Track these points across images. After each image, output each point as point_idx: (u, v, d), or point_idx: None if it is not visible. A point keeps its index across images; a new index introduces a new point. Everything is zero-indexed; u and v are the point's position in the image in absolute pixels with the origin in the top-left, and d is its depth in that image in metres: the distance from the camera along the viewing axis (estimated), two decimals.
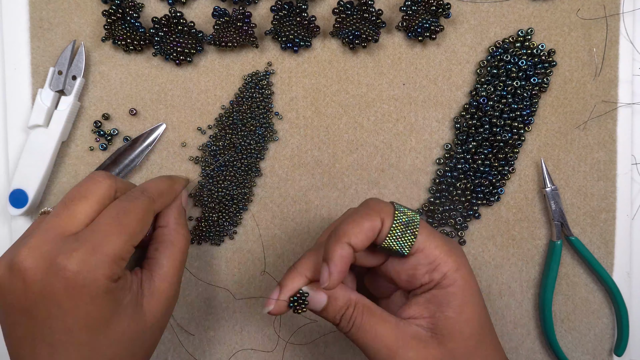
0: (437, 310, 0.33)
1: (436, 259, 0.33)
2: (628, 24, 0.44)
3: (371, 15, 0.42)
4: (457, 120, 0.44)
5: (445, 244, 0.34)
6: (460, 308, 0.33)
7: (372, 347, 0.32)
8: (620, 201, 0.45)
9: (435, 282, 0.33)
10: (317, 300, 0.34)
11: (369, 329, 0.33)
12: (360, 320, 0.33)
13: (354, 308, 0.33)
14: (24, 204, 0.43)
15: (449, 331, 0.32)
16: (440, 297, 0.33)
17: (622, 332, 0.44)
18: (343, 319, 0.33)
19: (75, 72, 0.43)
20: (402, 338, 0.32)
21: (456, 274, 0.33)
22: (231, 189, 0.45)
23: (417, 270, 0.33)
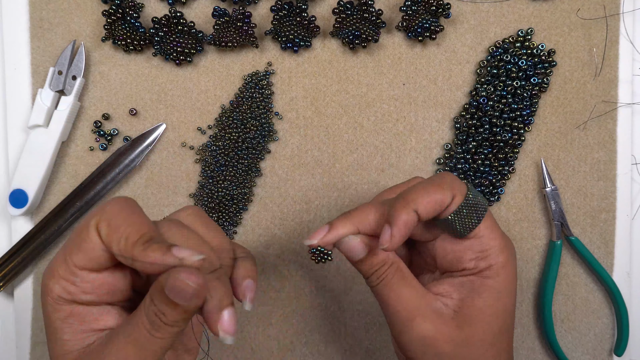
0: (467, 296, 0.32)
1: (489, 249, 0.33)
2: (628, 24, 0.44)
3: (371, 15, 0.42)
4: (457, 120, 0.44)
5: (504, 237, 0.34)
6: (491, 301, 0.32)
7: (393, 307, 0.32)
8: (620, 201, 0.45)
9: (478, 270, 0.33)
10: (358, 249, 0.33)
11: (394, 289, 0.32)
12: (390, 278, 0.32)
13: (389, 267, 0.33)
14: (24, 204, 0.43)
15: (472, 319, 0.32)
16: (476, 285, 0.33)
17: (622, 332, 0.44)
18: (375, 274, 0.33)
19: (75, 72, 0.43)
20: (424, 307, 0.32)
21: (502, 269, 0.33)
22: (231, 189, 0.45)
23: (465, 254, 0.33)
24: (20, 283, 0.45)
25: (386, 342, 0.46)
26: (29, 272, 0.45)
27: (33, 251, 0.44)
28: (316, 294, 0.46)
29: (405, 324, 0.32)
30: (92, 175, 0.44)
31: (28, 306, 0.45)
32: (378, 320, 0.45)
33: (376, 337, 0.46)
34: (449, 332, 0.32)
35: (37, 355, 0.45)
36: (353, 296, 0.45)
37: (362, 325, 0.46)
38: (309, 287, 0.46)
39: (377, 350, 0.46)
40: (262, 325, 0.46)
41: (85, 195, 0.44)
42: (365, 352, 0.46)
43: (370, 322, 0.45)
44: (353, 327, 0.46)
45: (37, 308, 0.45)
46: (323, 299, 0.46)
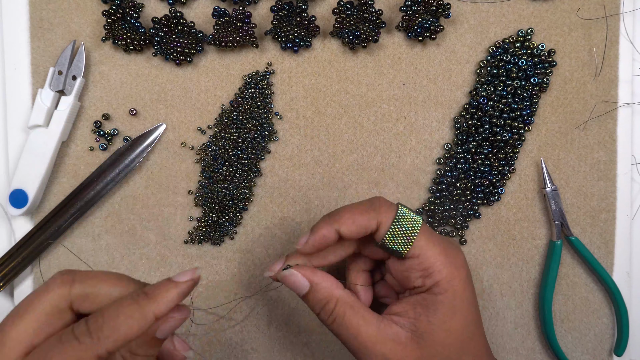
0: (422, 314, 0.34)
1: (431, 267, 0.34)
2: (628, 24, 0.44)
3: (371, 15, 0.42)
4: (457, 120, 0.44)
5: (444, 252, 0.34)
6: (444, 317, 0.33)
7: (353, 344, 0.33)
8: (620, 201, 0.45)
9: (427, 287, 0.34)
10: (300, 283, 0.34)
11: (350, 326, 0.33)
12: (342, 317, 0.34)
13: (336, 304, 0.34)
14: (24, 204, 0.43)
15: (430, 336, 0.33)
16: (429, 302, 0.34)
17: (622, 332, 0.44)
18: (323, 312, 0.34)
19: (75, 72, 0.43)
20: (381, 337, 0.33)
21: (448, 284, 0.33)
22: (231, 189, 0.45)
23: (411, 273, 0.34)
24: (20, 283, 0.45)
25: None
26: (29, 272, 0.45)
27: (33, 251, 0.44)
28: None
29: (365, 357, 0.33)
30: (92, 175, 0.44)
31: None
32: None
33: None
34: (409, 354, 0.33)
35: None
36: None
37: None
38: None
39: None
40: (262, 325, 0.46)
41: (85, 195, 0.44)
42: None
43: None
44: None
45: None
46: None
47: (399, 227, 0.34)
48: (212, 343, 0.46)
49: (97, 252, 0.45)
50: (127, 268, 0.45)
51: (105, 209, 0.45)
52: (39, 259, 0.45)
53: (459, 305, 0.34)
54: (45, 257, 0.45)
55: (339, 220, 0.34)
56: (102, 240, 0.45)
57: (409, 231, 0.34)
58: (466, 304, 0.34)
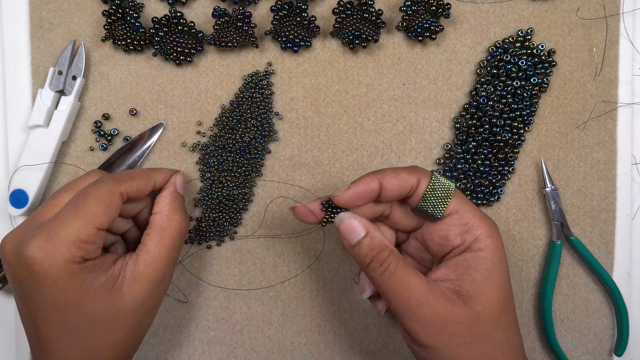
0: (464, 273, 0.33)
1: (469, 221, 0.34)
2: (628, 24, 0.44)
3: (371, 15, 0.42)
4: (457, 120, 0.44)
5: (480, 212, 0.35)
6: (488, 272, 0.33)
7: (402, 296, 0.33)
8: (620, 201, 0.45)
9: (467, 244, 0.34)
10: (355, 229, 0.34)
11: (401, 277, 0.33)
12: (394, 267, 0.33)
13: (390, 253, 0.33)
14: (25, 204, 0.43)
15: (476, 293, 0.33)
16: (470, 260, 0.34)
17: (622, 332, 0.44)
18: (375, 260, 0.33)
19: (75, 72, 0.43)
20: (432, 293, 0.33)
21: (488, 239, 0.34)
22: (231, 189, 0.45)
23: (450, 232, 0.34)
24: None
25: (386, 342, 0.46)
26: None
27: None
28: (316, 294, 0.46)
29: (416, 312, 0.32)
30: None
31: None
32: (378, 320, 0.45)
33: (376, 337, 0.46)
34: (460, 312, 0.33)
35: None
36: (353, 296, 0.45)
37: (362, 326, 0.46)
38: (308, 287, 0.46)
39: (377, 350, 0.46)
40: (262, 325, 0.46)
41: None
42: (366, 352, 0.46)
43: (371, 323, 0.46)
44: (353, 327, 0.46)
45: None
46: (323, 299, 0.46)
47: (433, 190, 0.34)
48: (212, 343, 0.46)
49: None
50: None
51: None
52: None
53: (498, 261, 0.34)
54: None
55: (384, 173, 0.34)
56: None
57: (444, 194, 0.34)
58: (504, 262, 0.34)
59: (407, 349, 0.45)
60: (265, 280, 0.45)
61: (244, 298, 0.45)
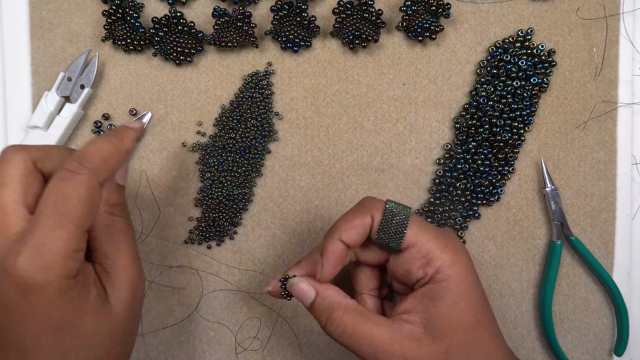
0: (430, 305, 0.33)
1: (429, 253, 0.33)
2: (628, 24, 0.44)
3: (371, 15, 0.42)
4: (457, 120, 0.44)
5: (440, 238, 0.34)
6: (453, 303, 0.33)
7: (367, 351, 0.32)
8: (620, 201, 0.45)
9: (430, 276, 0.33)
10: (306, 291, 0.34)
11: (363, 333, 0.32)
12: (352, 325, 0.33)
13: (343, 312, 0.33)
14: None
15: (443, 326, 0.32)
16: (435, 292, 0.33)
17: (622, 332, 0.44)
18: (329, 321, 0.33)
19: (85, 81, 0.43)
20: (397, 339, 0.32)
21: (450, 269, 0.33)
22: (231, 189, 0.45)
23: (411, 265, 0.34)
24: None
25: None
26: None
27: None
28: None
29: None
30: None
31: None
32: None
33: None
34: (428, 351, 0.32)
35: None
36: None
37: None
38: None
39: None
40: (262, 326, 0.46)
41: None
42: None
43: None
44: None
45: None
46: None
47: (389, 220, 0.34)
48: (212, 343, 0.46)
49: None
50: None
51: None
52: None
53: (465, 290, 0.33)
54: None
55: (338, 229, 0.34)
56: None
57: (400, 223, 0.34)
58: (472, 286, 0.34)
59: None
60: (265, 280, 0.45)
61: (244, 298, 0.45)
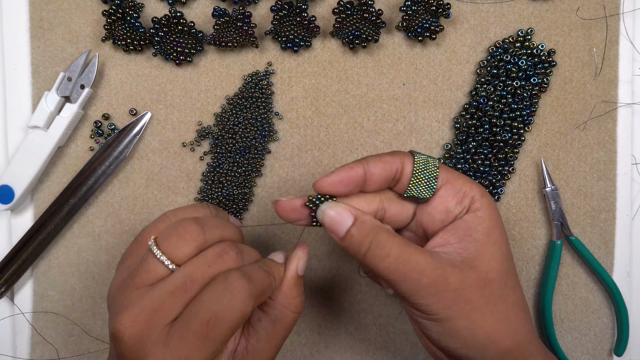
0: (465, 235, 0.32)
1: (462, 187, 0.33)
2: (628, 24, 0.44)
3: (371, 15, 0.42)
4: (457, 120, 0.44)
5: (465, 175, 0.34)
6: (488, 230, 0.32)
7: (412, 277, 0.30)
8: (620, 201, 0.45)
9: (466, 208, 0.33)
10: (342, 217, 0.31)
11: (408, 259, 0.30)
12: (397, 249, 0.30)
13: (387, 233, 0.31)
14: (10, 200, 0.43)
15: (480, 253, 0.32)
16: (469, 221, 0.33)
17: (622, 332, 0.44)
18: (373, 246, 0.30)
19: (85, 81, 0.43)
20: (440, 265, 0.31)
21: (483, 198, 0.33)
22: (231, 189, 0.45)
23: (448, 203, 0.33)
24: (20, 283, 0.45)
25: (386, 342, 0.46)
26: (29, 273, 0.45)
27: (32, 252, 0.44)
28: (316, 294, 0.46)
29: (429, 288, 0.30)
30: (82, 171, 0.44)
31: (27, 306, 0.45)
32: (378, 320, 0.45)
33: (376, 337, 0.46)
34: (468, 277, 0.31)
35: (37, 356, 0.45)
36: (353, 296, 0.45)
37: (362, 326, 0.46)
38: (309, 287, 0.46)
39: (377, 350, 0.46)
40: None
41: (78, 192, 0.44)
42: (366, 352, 0.46)
43: (370, 322, 0.45)
44: (353, 327, 0.46)
45: (37, 308, 0.45)
46: (323, 299, 0.46)
47: (419, 171, 0.33)
48: None
49: (97, 252, 0.45)
50: None
51: (105, 209, 0.45)
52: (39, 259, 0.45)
53: (497, 219, 0.33)
54: (45, 256, 0.45)
55: (366, 159, 0.33)
56: (102, 240, 0.45)
57: (431, 171, 0.33)
58: (500, 219, 0.34)
59: (407, 348, 0.45)
60: None
61: None
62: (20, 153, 0.43)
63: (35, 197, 0.45)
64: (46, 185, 0.45)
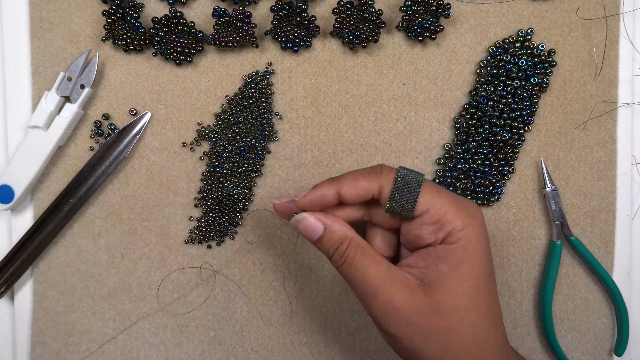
0: (432, 263, 0.33)
1: (441, 218, 0.33)
2: (628, 24, 0.44)
3: (371, 15, 0.42)
4: (457, 120, 0.44)
5: (454, 204, 0.33)
6: (455, 265, 0.32)
7: (359, 284, 0.33)
8: (620, 201, 0.45)
9: (440, 240, 0.33)
10: (314, 226, 0.35)
11: (359, 267, 0.33)
12: (352, 257, 0.34)
13: (349, 244, 0.34)
14: (10, 201, 0.43)
15: (438, 284, 0.32)
16: (440, 252, 0.33)
17: (622, 332, 0.44)
18: (336, 253, 0.34)
19: (85, 81, 0.43)
20: (389, 280, 0.33)
21: (460, 233, 0.33)
22: (231, 189, 0.45)
23: (422, 231, 0.34)
24: (20, 283, 0.45)
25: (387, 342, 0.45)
26: (29, 273, 0.45)
27: (32, 252, 0.44)
28: (316, 294, 0.46)
29: (373, 298, 0.33)
30: (82, 171, 0.44)
31: (27, 306, 0.45)
32: None
33: (377, 337, 0.46)
34: (416, 301, 0.32)
35: (37, 356, 0.45)
36: (353, 296, 0.45)
37: (362, 326, 0.46)
38: (309, 287, 0.46)
39: (377, 350, 0.46)
40: (262, 325, 0.46)
41: (78, 192, 0.44)
42: (366, 352, 0.46)
43: (371, 322, 0.46)
44: (353, 327, 0.46)
45: (37, 308, 0.45)
46: (323, 299, 0.46)
47: (401, 188, 0.33)
48: (212, 343, 0.46)
49: (97, 252, 0.45)
50: (127, 268, 0.45)
51: (105, 209, 0.45)
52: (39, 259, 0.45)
53: (471, 255, 0.33)
54: (45, 256, 0.45)
55: (340, 182, 0.34)
56: (102, 240, 0.45)
57: (412, 190, 0.33)
58: (479, 255, 0.33)
59: None
60: (265, 280, 0.45)
61: (244, 298, 0.45)
62: (20, 153, 0.43)
63: (35, 197, 0.45)
64: (46, 185, 0.45)
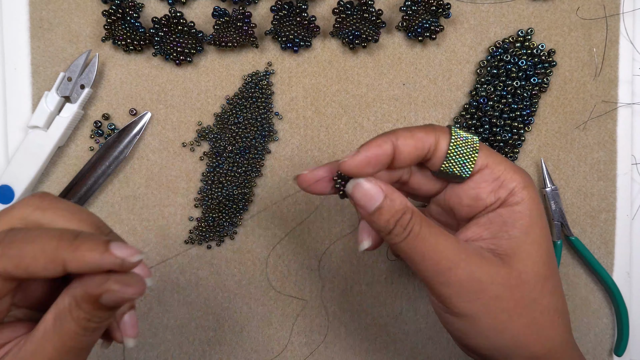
0: (500, 230, 0.29)
1: (502, 175, 0.30)
2: (628, 24, 0.44)
3: (371, 15, 0.42)
4: (457, 120, 0.44)
5: (510, 162, 0.31)
6: (527, 228, 0.29)
7: (431, 258, 0.28)
8: (620, 201, 0.45)
9: (502, 200, 0.30)
10: (373, 194, 0.29)
11: (428, 238, 0.28)
12: (418, 228, 0.28)
13: (412, 214, 0.29)
14: (10, 201, 0.43)
15: (515, 251, 0.29)
16: (505, 216, 0.29)
17: (622, 332, 0.44)
18: (399, 225, 0.29)
19: (85, 81, 0.43)
20: (464, 252, 0.28)
21: (524, 191, 0.30)
22: (231, 189, 0.45)
23: (481, 190, 0.30)
24: None
25: (387, 342, 0.46)
26: None
27: None
28: (316, 295, 0.46)
29: (448, 275, 0.28)
30: (82, 171, 0.44)
31: None
32: (378, 321, 0.45)
33: (376, 337, 0.46)
34: (498, 272, 0.29)
35: None
36: (353, 296, 0.45)
37: (362, 326, 0.46)
38: (309, 288, 0.46)
39: (377, 350, 0.46)
40: (262, 325, 0.46)
41: (78, 192, 0.44)
42: (366, 352, 0.46)
43: (371, 323, 0.46)
44: (353, 328, 0.46)
45: None
46: (323, 300, 0.46)
47: (456, 148, 0.29)
48: (212, 343, 0.46)
49: None
50: None
51: (105, 209, 0.45)
52: None
53: (537, 216, 0.30)
54: None
55: (395, 134, 0.29)
56: None
57: (469, 150, 0.30)
58: (543, 216, 0.30)
59: (408, 349, 0.45)
60: (265, 281, 0.45)
61: (243, 298, 0.45)
62: (20, 153, 0.43)
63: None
64: (46, 185, 0.45)
